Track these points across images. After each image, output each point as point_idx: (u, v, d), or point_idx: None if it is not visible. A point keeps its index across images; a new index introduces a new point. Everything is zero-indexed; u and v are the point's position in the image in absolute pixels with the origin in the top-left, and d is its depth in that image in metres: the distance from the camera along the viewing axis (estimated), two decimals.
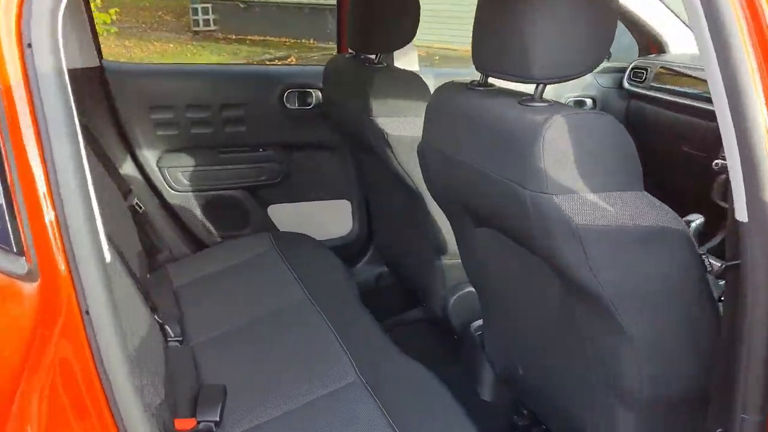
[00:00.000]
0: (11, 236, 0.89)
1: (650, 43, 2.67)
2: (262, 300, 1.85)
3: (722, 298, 1.05)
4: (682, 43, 2.62)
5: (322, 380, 1.47)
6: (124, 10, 12.45)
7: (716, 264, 1.04)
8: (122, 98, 2.15)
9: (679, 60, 2.50)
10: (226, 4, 12.64)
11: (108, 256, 0.91)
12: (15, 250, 0.89)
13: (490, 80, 1.26)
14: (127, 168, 2.21)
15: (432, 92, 1.41)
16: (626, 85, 2.62)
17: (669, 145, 2.37)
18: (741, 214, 0.93)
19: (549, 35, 1.06)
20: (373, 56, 1.90)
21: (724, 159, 0.95)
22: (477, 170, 1.19)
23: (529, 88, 1.13)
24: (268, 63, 9.48)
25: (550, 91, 1.11)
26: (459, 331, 1.98)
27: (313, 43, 11.37)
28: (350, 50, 2.05)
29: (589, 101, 2.66)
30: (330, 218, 2.50)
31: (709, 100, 1.06)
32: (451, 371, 1.97)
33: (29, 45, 0.88)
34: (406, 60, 2.31)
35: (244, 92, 2.27)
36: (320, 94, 2.29)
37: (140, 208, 2.16)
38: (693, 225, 1.27)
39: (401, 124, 1.75)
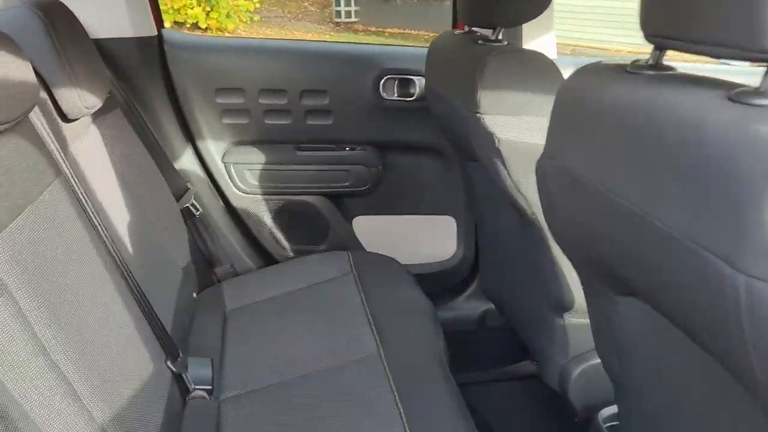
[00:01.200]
0: None
1: None
2: (323, 345, 1.44)
3: None
4: None
5: None
6: (273, 0, 12.77)
7: None
8: (184, 77, 1.78)
9: None
10: None
11: None
12: None
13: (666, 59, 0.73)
14: (186, 161, 1.84)
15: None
16: None
17: None
18: None
19: None
20: (489, 32, 1.40)
21: None
22: (635, 215, 0.66)
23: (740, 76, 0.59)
24: None
25: None
26: (581, 415, 1.44)
27: None
28: (465, 26, 1.56)
29: None
30: (429, 238, 2.02)
31: None
32: None
33: None
34: (539, 43, 1.77)
35: (332, 76, 1.82)
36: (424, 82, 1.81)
37: (197, 210, 1.78)
38: None
39: (519, 126, 1.23)
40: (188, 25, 9.38)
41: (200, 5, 9.47)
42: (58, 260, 0.99)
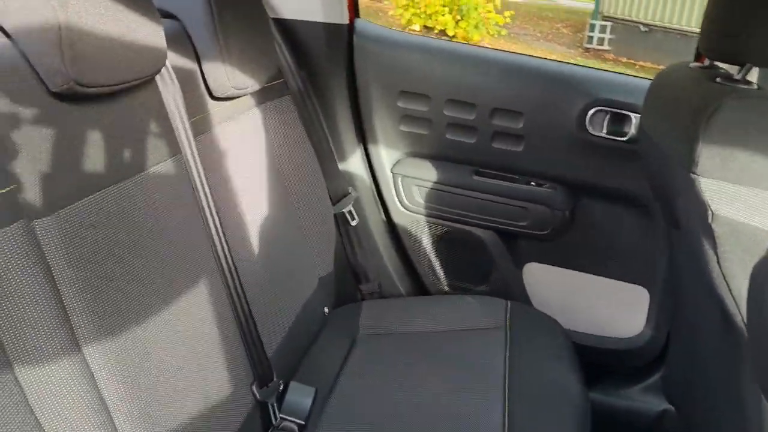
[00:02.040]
0: None
1: None
2: (442, 409, 1.22)
3: None
4: None
5: None
6: (525, 17, 12.60)
7: None
8: (369, 73, 1.62)
9: None
10: (626, 26, 11.84)
11: None
12: None
13: None
14: (352, 164, 1.69)
15: None
16: None
17: None
18: None
19: None
20: (735, 70, 1.05)
21: None
22: None
23: None
24: None
25: None
26: None
27: None
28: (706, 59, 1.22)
29: None
30: (612, 306, 1.67)
31: None
32: None
33: None
34: None
35: (531, 97, 1.55)
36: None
37: (353, 218, 1.63)
38: None
39: (749, 202, 0.89)
40: (436, 31, 9.51)
41: (451, 13, 9.54)
42: (127, 252, 0.87)
